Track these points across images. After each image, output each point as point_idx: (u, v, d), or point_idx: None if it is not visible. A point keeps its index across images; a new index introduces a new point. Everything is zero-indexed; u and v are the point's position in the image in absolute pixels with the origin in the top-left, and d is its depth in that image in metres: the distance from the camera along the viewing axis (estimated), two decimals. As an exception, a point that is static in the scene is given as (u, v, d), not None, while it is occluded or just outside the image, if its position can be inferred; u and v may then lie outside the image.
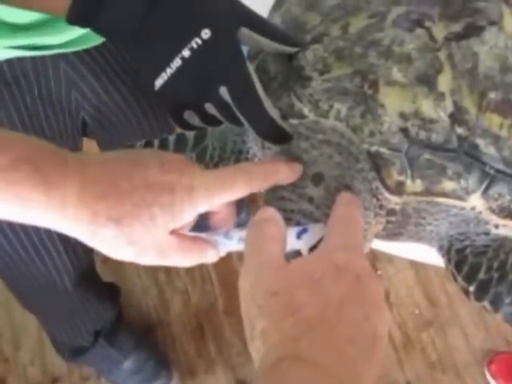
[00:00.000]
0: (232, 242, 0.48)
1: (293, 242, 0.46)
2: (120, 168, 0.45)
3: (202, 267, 1.57)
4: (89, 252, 1.19)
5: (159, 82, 0.50)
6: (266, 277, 0.41)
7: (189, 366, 1.49)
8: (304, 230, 0.46)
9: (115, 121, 0.98)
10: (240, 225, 0.50)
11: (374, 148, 0.49)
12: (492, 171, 0.49)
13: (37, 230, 1.00)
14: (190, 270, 1.58)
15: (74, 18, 0.49)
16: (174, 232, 0.46)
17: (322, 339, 0.37)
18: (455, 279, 0.50)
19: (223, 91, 0.49)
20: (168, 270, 1.59)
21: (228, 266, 1.53)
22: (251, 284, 0.41)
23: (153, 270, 1.59)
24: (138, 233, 0.44)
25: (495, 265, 0.49)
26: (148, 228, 0.44)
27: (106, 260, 1.55)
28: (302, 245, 0.46)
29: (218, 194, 0.45)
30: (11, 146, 0.43)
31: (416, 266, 1.51)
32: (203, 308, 1.55)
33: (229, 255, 0.49)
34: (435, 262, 0.70)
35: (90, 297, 1.22)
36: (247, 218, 1.48)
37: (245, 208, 1.43)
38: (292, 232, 0.46)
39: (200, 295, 1.56)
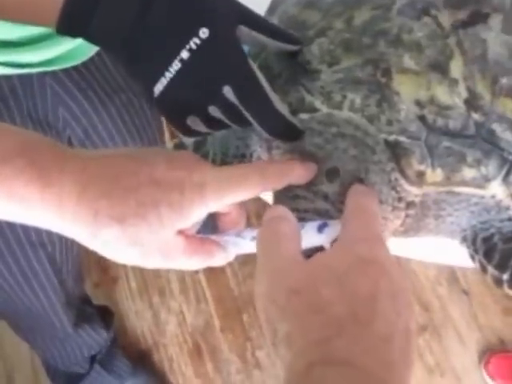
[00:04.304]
0: (245, 241, 0.45)
1: (314, 237, 0.43)
2: (124, 164, 0.42)
3: (196, 285, 1.55)
4: (80, 279, 1.18)
5: (158, 89, 0.47)
6: (285, 275, 0.37)
7: (187, 387, 1.46)
8: (324, 224, 0.43)
9: (101, 146, 0.95)
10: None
11: (392, 137, 0.47)
12: (510, 157, 0.48)
13: (29, 260, 0.97)
14: (184, 289, 1.55)
15: (65, 28, 0.46)
16: (180, 233, 0.43)
17: (355, 339, 0.33)
18: (484, 270, 0.48)
19: (227, 91, 0.46)
20: (162, 291, 1.56)
21: (222, 284, 1.51)
22: (268, 284, 0.37)
23: (146, 292, 1.55)
24: (142, 234, 0.41)
25: None
26: (154, 228, 0.41)
27: (98, 284, 1.56)
28: (324, 239, 0.43)
29: (230, 193, 0.43)
30: (4, 138, 0.40)
31: (406, 272, 1.51)
32: (199, 327, 1.51)
33: (223, 273, 0.47)
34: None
35: (82, 322, 1.19)
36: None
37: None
38: (312, 226, 0.43)
39: (195, 314, 1.53)
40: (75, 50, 0.82)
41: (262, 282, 0.38)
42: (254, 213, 1.36)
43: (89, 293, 1.29)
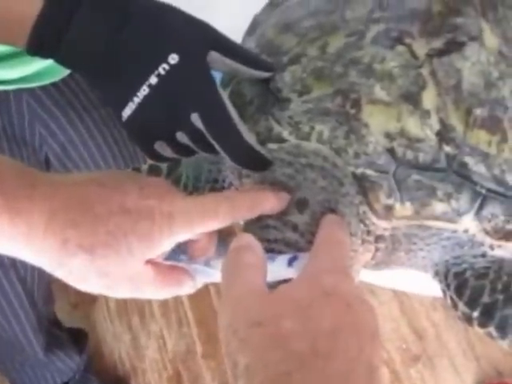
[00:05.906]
0: (214, 271, 0.45)
1: (283, 271, 0.43)
2: (94, 191, 0.42)
3: (178, 308, 1.52)
4: (50, 301, 1.17)
5: (126, 113, 0.47)
6: (248, 306, 0.36)
7: (165, 417, 1.42)
8: (294, 258, 0.43)
9: (80, 162, 0.95)
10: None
11: (359, 170, 0.46)
12: (483, 191, 0.46)
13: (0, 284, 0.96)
14: (165, 312, 1.52)
15: (35, 49, 0.46)
16: (149, 261, 0.43)
17: (315, 375, 0.33)
18: (455, 306, 0.47)
19: (195, 118, 0.46)
20: (142, 313, 1.52)
21: (205, 307, 1.48)
22: (231, 315, 0.37)
23: (126, 314, 1.52)
24: (111, 264, 0.41)
25: (499, 287, 0.46)
26: (123, 259, 0.41)
27: (76, 305, 1.52)
28: (294, 273, 0.42)
29: (199, 223, 0.43)
30: None
31: (400, 297, 1.48)
32: (180, 353, 1.48)
33: (207, 294, 0.46)
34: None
35: (53, 347, 1.17)
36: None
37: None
38: (283, 259, 0.43)
39: (176, 339, 1.49)
40: (53, 66, 0.82)
41: (225, 313, 0.37)
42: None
43: (66, 313, 1.26)
